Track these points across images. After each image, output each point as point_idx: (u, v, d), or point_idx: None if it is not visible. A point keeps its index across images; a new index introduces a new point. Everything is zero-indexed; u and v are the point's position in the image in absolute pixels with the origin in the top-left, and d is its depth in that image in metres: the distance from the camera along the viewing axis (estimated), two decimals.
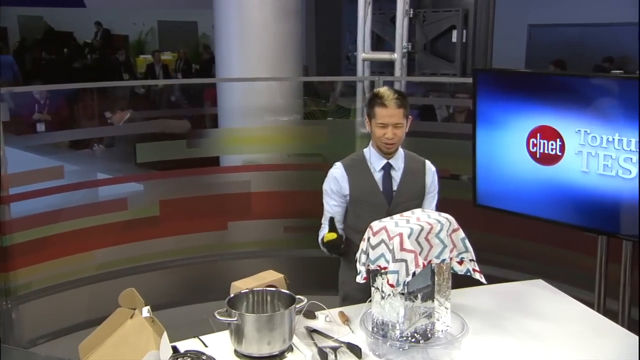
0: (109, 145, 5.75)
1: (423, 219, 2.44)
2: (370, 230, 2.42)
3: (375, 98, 2.87)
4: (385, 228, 2.37)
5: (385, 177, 2.94)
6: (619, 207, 3.08)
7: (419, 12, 4.94)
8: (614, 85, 3.08)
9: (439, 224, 2.44)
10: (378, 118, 2.84)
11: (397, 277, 2.31)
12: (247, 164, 5.05)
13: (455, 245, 2.49)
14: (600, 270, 3.40)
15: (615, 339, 2.56)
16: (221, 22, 5.86)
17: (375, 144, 2.95)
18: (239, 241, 4.87)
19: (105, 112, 6.25)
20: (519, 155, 3.37)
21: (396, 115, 2.82)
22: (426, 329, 2.46)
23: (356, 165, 2.98)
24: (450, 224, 2.48)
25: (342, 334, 2.57)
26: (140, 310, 2.26)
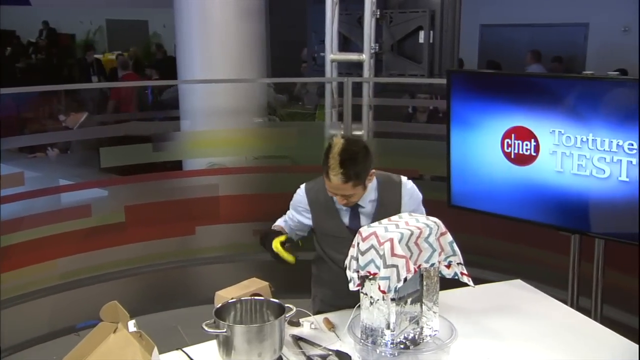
0: (64, 149, 5.58)
1: (412, 224, 2.42)
2: (360, 235, 2.39)
3: (325, 157, 2.58)
4: (375, 233, 2.34)
5: (352, 214, 2.73)
6: (593, 207, 3.13)
7: (386, 12, 4.93)
8: (588, 86, 3.12)
9: (428, 228, 2.42)
10: (327, 185, 2.60)
11: (388, 283, 2.28)
12: (212, 167, 4.97)
13: (443, 249, 2.48)
14: (574, 269, 3.46)
15: (598, 338, 2.59)
16: (182, 22, 5.76)
17: None
18: (207, 246, 4.79)
19: (59, 114, 6.06)
20: (493, 155, 3.39)
21: (343, 189, 2.55)
22: (415, 334, 2.45)
23: (320, 199, 2.75)
24: (439, 227, 2.47)
25: (330, 342, 2.54)
26: (125, 324, 2.17)
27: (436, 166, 4.15)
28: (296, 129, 5.02)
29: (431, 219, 2.49)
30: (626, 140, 2.95)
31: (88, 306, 4.48)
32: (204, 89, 5.50)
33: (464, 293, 2.89)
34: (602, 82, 3.09)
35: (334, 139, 2.70)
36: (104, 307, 2.26)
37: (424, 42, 4.77)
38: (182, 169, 5.27)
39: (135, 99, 8.62)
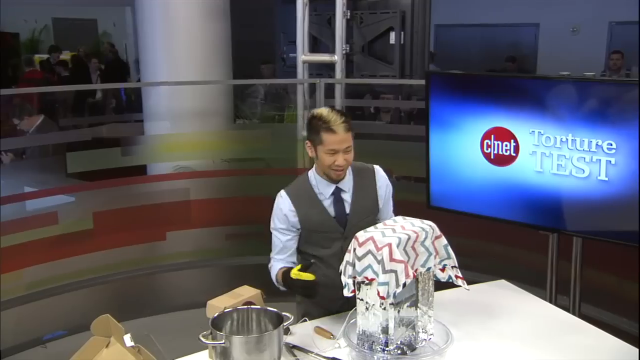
0: (19, 154, 5.39)
1: (408, 228, 2.40)
2: (356, 241, 2.36)
3: (318, 121, 2.57)
4: (373, 239, 2.31)
5: (336, 202, 2.71)
6: (573, 206, 3.17)
7: (356, 13, 4.92)
8: (567, 87, 3.17)
9: (424, 231, 2.41)
10: (327, 144, 2.56)
11: (387, 288, 2.26)
12: (180, 170, 4.87)
13: (437, 253, 2.48)
14: (552, 267, 3.51)
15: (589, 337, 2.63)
16: (144, 23, 5.64)
17: (321, 171, 2.68)
18: (178, 251, 4.69)
19: (13, 118, 5.84)
20: (473, 156, 3.41)
21: (346, 140, 2.57)
22: (411, 339, 2.43)
23: (303, 195, 2.72)
24: (433, 230, 2.46)
25: (323, 348, 2.50)
26: (119, 338, 2.09)
27: (410, 167, 4.15)
28: (269, 131, 4.97)
29: (426, 223, 2.48)
30: (605, 140, 3.00)
31: (55, 317, 4.38)
32: (169, 91, 5.40)
33: (451, 295, 2.91)
34: (581, 83, 3.14)
35: (312, 111, 2.75)
36: (95, 321, 2.18)
37: (395, 42, 4.78)
38: (146, 173, 5.15)
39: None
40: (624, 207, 3.02)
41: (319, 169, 2.70)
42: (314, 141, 2.62)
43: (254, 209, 4.63)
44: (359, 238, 2.35)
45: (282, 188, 2.76)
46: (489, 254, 4.12)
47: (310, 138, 2.64)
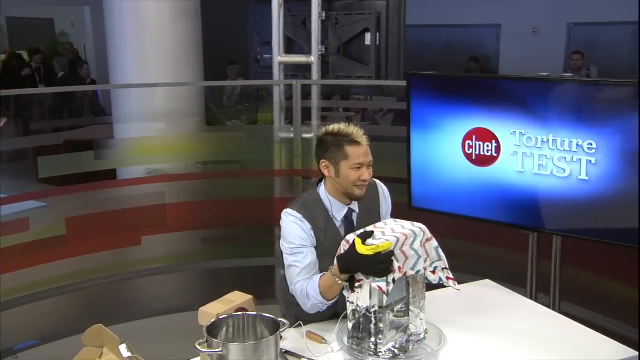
0: None
1: (398, 230, 2.38)
2: (347, 243, 2.34)
3: (338, 136, 2.48)
4: None
5: (347, 225, 2.60)
6: (554, 205, 3.22)
7: (331, 14, 4.92)
8: (548, 87, 3.21)
9: (413, 234, 2.39)
10: (353, 158, 2.46)
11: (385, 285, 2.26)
12: (153, 174, 4.80)
13: (428, 255, 2.47)
14: (532, 266, 3.55)
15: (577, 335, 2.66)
16: (113, 23, 5.55)
17: (340, 190, 2.54)
18: (154, 256, 4.61)
19: None
20: (454, 157, 3.43)
21: (369, 153, 2.50)
22: (402, 342, 2.43)
23: (317, 216, 2.56)
24: (424, 233, 2.44)
25: (316, 353, 2.47)
26: (113, 348, 2.04)
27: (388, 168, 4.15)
28: (245, 133, 4.92)
29: (417, 225, 2.46)
30: (585, 140, 3.05)
31: (28, 326, 4.25)
32: (140, 93, 5.31)
33: (437, 296, 2.91)
34: (562, 84, 3.20)
35: (324, 129, 2.59)
36: (87, 332, 2.12)
37: (370, 44, 4.79)
38: (116, 177, 5.06)
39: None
40: (604, 205, 3.07)
41: (336, 190, 2.56)
42: (336, 158, 2.48)
43: (230, 212, 4.62)
44: (349, 240, 2.33)
45: (258, 190, 2.63)
46: (471, 254, 4.15)
47: (328, 156, 2.51)
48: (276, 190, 4.66)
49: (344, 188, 2.53)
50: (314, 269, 2.52)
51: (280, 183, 4.65)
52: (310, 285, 2.47)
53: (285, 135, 4.58)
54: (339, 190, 2.55)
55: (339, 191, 2.56)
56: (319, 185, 2.65)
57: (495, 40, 12.02)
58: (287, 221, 2.54)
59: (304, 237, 2.51)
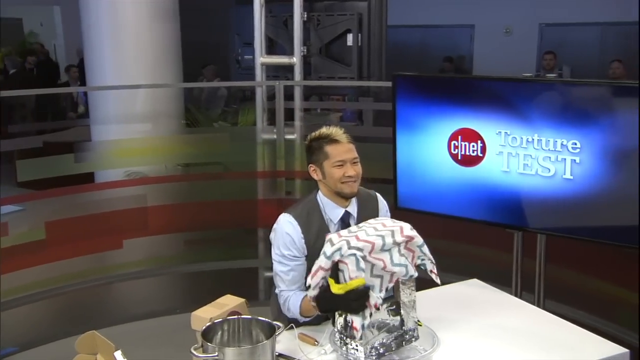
0: None
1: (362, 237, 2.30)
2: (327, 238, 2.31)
3: (319, 139, 2.57)
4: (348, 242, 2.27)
5: (343, 229, 2.55)
6: (539, 204, 3.25)
7: (313, 15, 4.91)
8: (533, 88, 3.24)
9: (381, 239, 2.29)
10: (333, 157, 2.53)
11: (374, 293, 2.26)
12: (132, 176, 4.75)
13: (414, 255, 2.43)
14: (517, 265, 3.58)
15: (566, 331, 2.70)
16: (90, 24, 5.46)
17: (332, 191, 2.58)
18: (136, 259, 4.55)
19: None
20: (440, 157, 3.44)
21: (351, 150, 2.56)
22: (389, 341, 2.43)
23: (312, 222, 2.58)
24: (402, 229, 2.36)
25: (309, 355, 2.47)
26: (108, 355, 2.00)
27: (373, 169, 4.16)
28: (227, 134, 4.89)
29: (398, 223, 2.41)
30: (570, 139, 3.08)
31: (7, 333, 4.16)
32: (118, 94, 5.24)
33: (425, 296, 2.92)
34: (546, 84, 3.23)
35: (309, 136, 2.66)
36: (80, 338, 2.09)
37: (352, 44, 4.79)
38: (94, 180, 4.99)
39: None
40: (588, 204, 3.11)
41: (328, 191, 2.60)
42: (319, 160, 2.56)
43: (213, 214, 4.58)
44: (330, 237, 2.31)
45: (241, 191, 2.63)
46: (457, 254, 4.17)
47: (313, 159, 2.59)
48: (259, 191, 4.63)
49: (333, 187, 2.57)
50: (298, 282, 2.57)
51: (263, 185, 4.63)
52: (292, 301, 2.53)
53: (267, 136, 4.56)
54: (330, 191, 2.59)
55: (331, 192, 2.60)
56: (316, 193, 2.67)
57: (469, 41, 12.14)
58: (281, 226, 2.56)
59: (291, 246, 2.54)
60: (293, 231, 2.54)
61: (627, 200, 3.03)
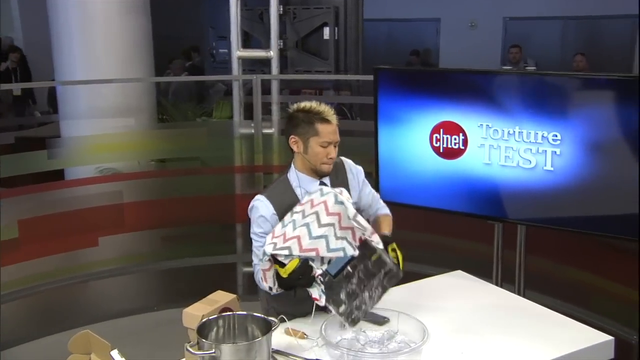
0: None
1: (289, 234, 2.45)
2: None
3: (309, 113, 2.55)
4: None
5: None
6: (520, 196, 3.29)
7: (289, 9, 4.87)
8: (514, 80, 3.29)
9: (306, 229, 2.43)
10: (322, 136, 2.53)
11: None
12: (105, 172, 4.66)
13: (352, 229, 2.45)
14: (497, 256, 3.63)
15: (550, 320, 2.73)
16: (59, 18, 5.34)
17: (309, 167, 2.61)
18: (112, 257, 4.47)
19: None
20: (422, 150, 3.46)
21: (337, 132, 2.58)
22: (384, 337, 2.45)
23: (285, 201, 2.60)
24: (336, 198, 2.45)
25: (303, 350, 2.46)
26: (103, 355, 1.97)
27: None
28: (204, 129, 4.82)
29: (322, 198, 2.47)
30: (550, 131, 3.13)
31: None
32: (88, 89, 5.14)
33: (410, 289, 2.96)
34: (527, 77, 3.27)
35: (294, 105, 2.65)
36: (74, 338, 2.04)
37: (329, 38, 4.77)
38: (64, 177, 4.89)
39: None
40: (568, 195, 3.17)
41: (305, 165, 2.61)
42: (306, 134, 2.54)
43: (190, 210, 4.53)
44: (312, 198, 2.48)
45: (218, 186, 2.63)
46: (437, 246, 4.21)
47: (299, 131, 2.56)
48: (237, 186, 4.60)
49: (312, 164, 2.59)
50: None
51: (241, 179, 4.59)
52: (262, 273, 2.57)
53: (245, 130, 4.52)
54: (308, 166, 2.61)
55: (307, 167, 2.62)
56: (288, 168, 2.69)
57: (435, 34, 12.24)
58: (255, 207, 2.60)
59: (264, 224, 2.57)
60: (265, 210, 2.57)
61: (606, 191, 3.10)
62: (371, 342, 2.45)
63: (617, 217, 3.13)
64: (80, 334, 2.02)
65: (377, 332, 2.49)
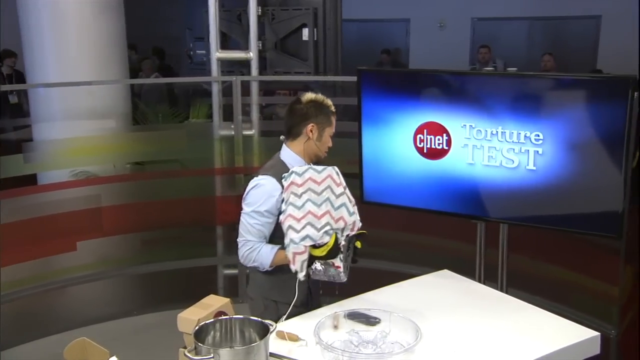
0: None
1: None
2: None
3: (327, 107, 2.82)
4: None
5: None
6: (503, 195, 3.33)
7: (268, 10, 4.85)
8: (497, 81, 3.33)
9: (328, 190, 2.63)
10: (333, 127, 2.84)
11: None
12: (80, 176, 4.58)
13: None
14: (480, 255, 3.67)
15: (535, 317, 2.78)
16: (30, 19, 5.23)
17: (314, 153, 2.83)
18: (91, 261, 4.40)
19: None
20: (406, 151, 3.48)
21: None
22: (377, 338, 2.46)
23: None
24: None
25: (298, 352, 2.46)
26: None
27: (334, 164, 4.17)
28: (183, 131, 4.77)
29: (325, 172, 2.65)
30: (533, 131, 3.18)
31: None
32: (61, 92, 5.05)
33: (398, 289, 3.00)
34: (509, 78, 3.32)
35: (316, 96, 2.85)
36: (69, 346, 2.01)
37: (308, 39, 4.76)
38: (37, 182, 4.80)
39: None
40: (550, 194, 3.22)
41: (311, 151, 2.81)
42: (323, 124, 2.79)
43: (170, 213, 4.49)
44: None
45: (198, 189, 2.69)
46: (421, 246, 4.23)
47: (318, 120, 2.78)
48: (217, 188, 4.57)
49: (319, 151, 2.83)
50: (267, 236, 2.74)
51: (221, 181, 4.56)
52: (263, 251, 2.70)
53: (225, 132, 4.49)
54: (313, 151, 2.82)
55: (311, 152, 2.82)
56: (280, 151, 2.84)
57: (405, 34, 12.32)
58: (262, 185, 2.70)
59: (270, 203, 2.67)
60: (274, 189, 2.68)
61: (586, 189, 3.16)
62: (365, 342, 2.47)
63: (597, 214, 3.20)
64: (76, 342, 1.99)
65: (370, 333, 2.51)
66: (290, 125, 2.80)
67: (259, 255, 2.70)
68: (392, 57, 11.55)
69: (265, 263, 2.71)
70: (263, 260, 2.70)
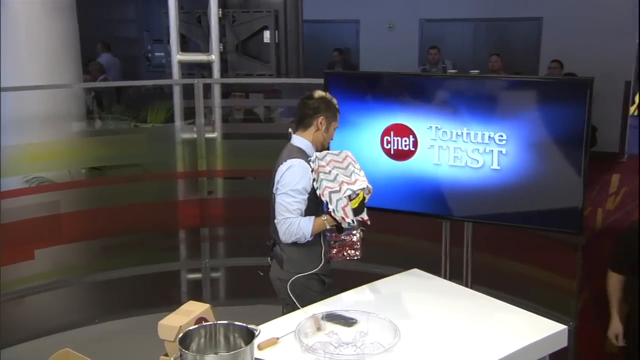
0: None
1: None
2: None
3: (334, 104, 3.15)
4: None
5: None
6: (468, 194, 3.41)
7: (228, 12, 4.81)
8: (461, 84, 3.40)
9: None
10: (337, 122, 3.18)
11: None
12: (35, 182, 4.45)
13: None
14: (445, 253, 3.75)
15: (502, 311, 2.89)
16: None
17: (320, 142, 3.15)
18: (49, 270, 4.28)
19: None
20: (373, 152, 3.53)
21: None
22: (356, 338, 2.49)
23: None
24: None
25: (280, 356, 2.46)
26: None
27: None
28: (144, 135, 4.69)
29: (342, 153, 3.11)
30: (497, 132, 3.27)
31: None
32: (12, 97, 4.87)
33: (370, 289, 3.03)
34: (474, 80, 3.39)
35: (326, 93, 3.21)
36: (53, 357, 1.95)
37: (270, 41, 4.75)
38: None
39: None
40: (514, 192, 3.31)
41: (319, 141, 3.14)
42: (331, 118, 3.14)
43: (132, 218, 4.40)
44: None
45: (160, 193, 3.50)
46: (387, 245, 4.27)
47: (328, 114, 3.12)
48: (179, 192, 4.51)
49: (325, 141, 3.17)
50: (302, 212, 3.04)
51: (184, 185, 4.51)
52: (303, 223, 3.00)
53: (187, 135, 4.44)
54: (320, 141, 3.15)
55: (318, 142, 3.14)
56: (291, 141, 3.15)
57: (355, 35, 12.40)
58: (301, 167, 3.02)
59: (309, 185, 3.02)
60: (309, 170, 3.02)
61: (548, 187, 3.26)
62: (344, 343, 2.49)
63: (558, 211, 3.31)
64: (59, 353, 1.94)
65: (349, 334, 2.53)
66: (302, 116, 3.11)
67: (299, 227, 3.00)
68: (344, 56, 11.64)
69: (306, 232, 3.00)
70: (304, 229, 3.00)
